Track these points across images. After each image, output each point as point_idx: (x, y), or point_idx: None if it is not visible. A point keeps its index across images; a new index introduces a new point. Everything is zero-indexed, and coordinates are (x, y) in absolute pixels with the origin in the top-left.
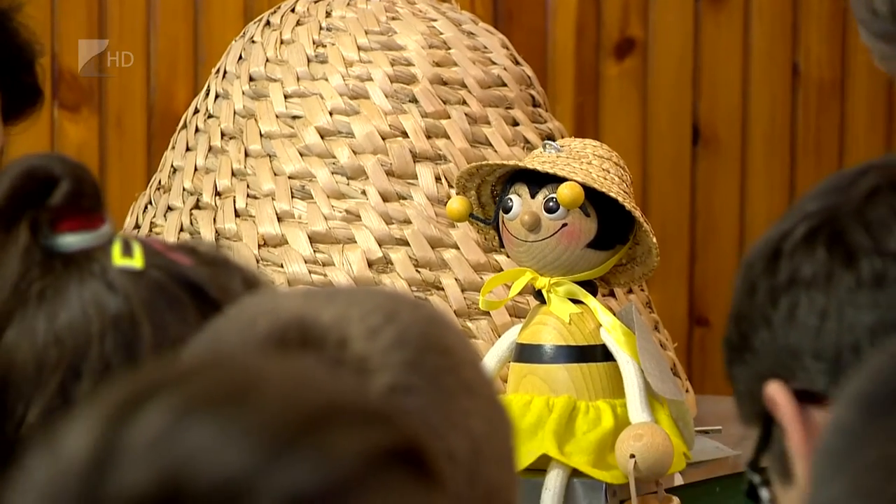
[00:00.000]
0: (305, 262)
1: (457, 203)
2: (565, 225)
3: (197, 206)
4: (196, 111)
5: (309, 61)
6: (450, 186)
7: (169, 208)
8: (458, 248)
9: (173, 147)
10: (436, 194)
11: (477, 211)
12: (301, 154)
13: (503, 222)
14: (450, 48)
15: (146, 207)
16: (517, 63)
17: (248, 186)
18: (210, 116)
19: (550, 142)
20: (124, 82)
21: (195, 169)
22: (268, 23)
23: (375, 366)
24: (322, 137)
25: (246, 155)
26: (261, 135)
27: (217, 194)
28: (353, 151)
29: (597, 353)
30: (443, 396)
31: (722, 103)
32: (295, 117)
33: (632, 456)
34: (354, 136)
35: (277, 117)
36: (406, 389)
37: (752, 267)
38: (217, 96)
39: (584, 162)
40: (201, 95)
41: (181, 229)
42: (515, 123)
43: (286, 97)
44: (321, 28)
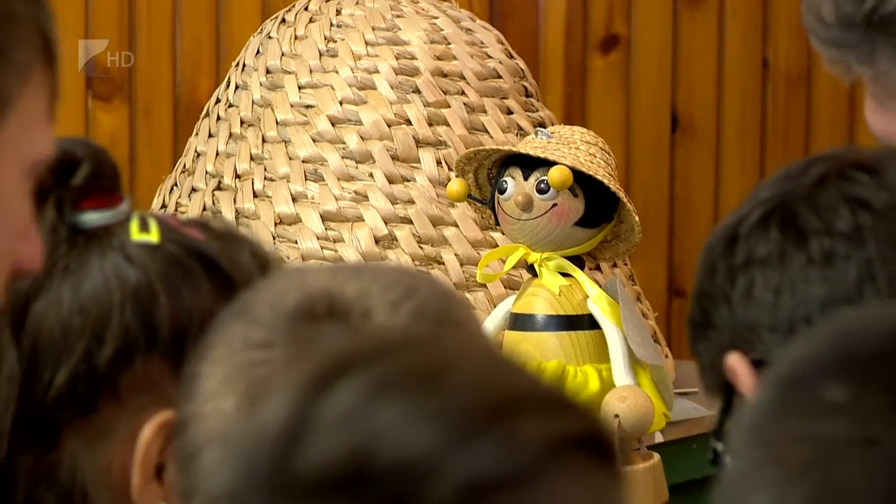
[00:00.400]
0: (318, 239)
1: (456, 185)
2: (555, 205)
3: (218, 188)
4: (218, 101)
5: (321, 55)
6: (450, 170)
7: (193, 189)
8: (458, 226)
9: (197, 134)
10: (437, 177)
11: (474, 192)
12: (313, 140)
13: (498, 202)
14: (449, 43)
15: (172, 189)
16: (511, 57)
17: (265, 170)
18: (230, 106)
19: (542, 129)
20: (153, 75)
21: (217, 154)
22: (283, 20)
23: None
24: (333, 125)
25: (263, 141)
26: (277, 122)
27: (237, 177)
28: (361, 138)
29: (584, 322)
30: (451, 338)
31: (698, 94)
32: (308, 106)
33: (616, 416)
34: (362, 124)
35: (292, 106)
36: None
37: (712, 250)
38: (237, 87)
39: (573, 147)
40: (222, 87)
41: (204, 209)
42: (510, 112)
43: (300, 88)
44: (332, 25)
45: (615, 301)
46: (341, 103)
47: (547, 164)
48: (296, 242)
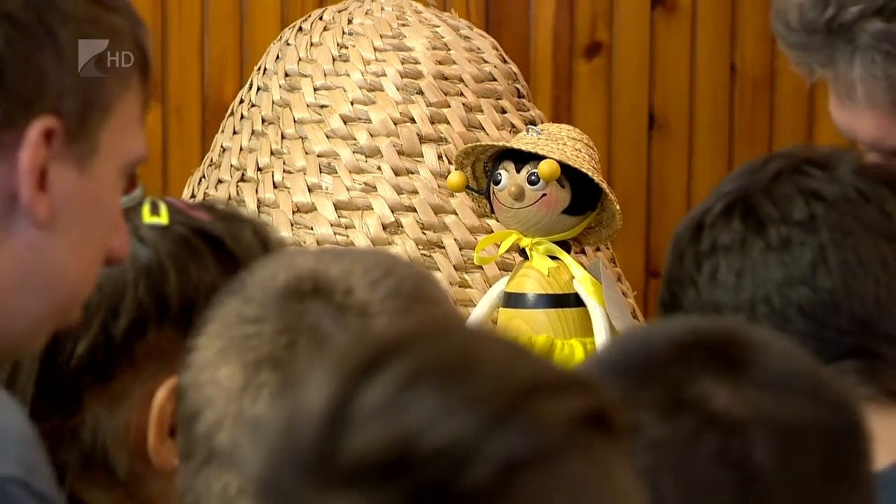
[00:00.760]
0: (331, 226)
1: (455, 177)
2: (545, 195)
3: (242, 180)
4: (241, 101)
5: (334, 60)
6: (449, 163)
7: (219, 181)
8: (457, 214)
9: (223, 131)
10: (438, 170)
11: (472, 183)
12: (327, 136)
13: (494, 193)
14: (450, 50)
15: (200, 180)
16: (505, 62)
17: (284, 163)
18: (253, 106)
19: (532, 126)
20: (183, 79)
21: (240, 149)
22: (300, 29)
23: (375, 311)
24: (345, 123)
25: (282, 137)
26: (294, 121)
27: (258, 170)
28: (371, 134)
29: (570, 300)
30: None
31: (673, 96)
32: (322, 106)
33: None
34: (371, 122)
35: (308, 106)
36: None
37: (680, 238)
38: (258, 89)
39: (560, 143)
40: (245, 89)
41: (229, 198)
42: (503, 111)
43: (315, 90)
44: (344, 33)
45: (598, 281)
46: (352, 103)
47: (537, 158)
48: (311, 229)
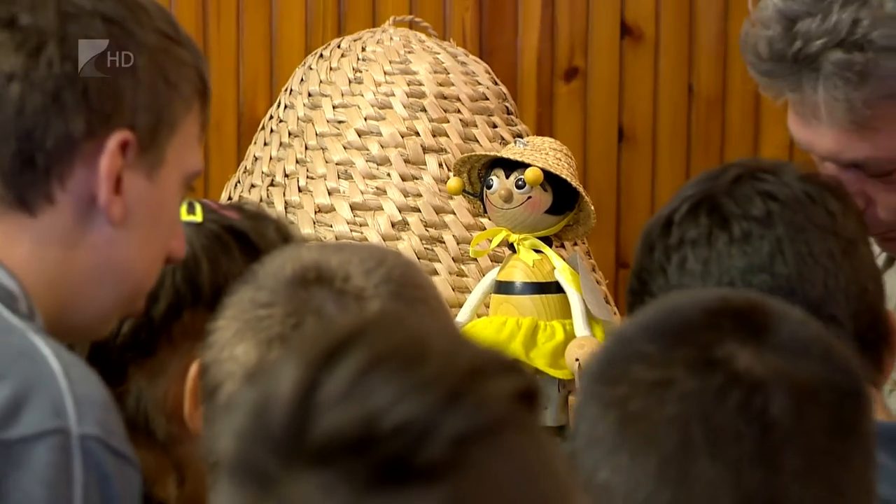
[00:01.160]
0: (347, 224)
1: (454, 182)
2: (530, 197)
3: (272, 185)
4: (271, 118)
5: (350, 82)
6: (449, 170)
7: (252, 186)
8: (455, 214)
9: (255, 143)
10: (439, 176)
11: (468, 187)
12: (344, 147)
13: (486, 195)
14: (449, 73)
15: (236, 185)
16: (496, 84)
17: (307, 170)
18: (281, 121)
19: (519, 139)
20: (221, 98)
21: (270, 158)
22: (321, 55)
23: (370, 294)
24: (359, 136)
25: (306, 148)
26: (316, 134)
27: (285, 176)
28: (381, 146)
29: (552, 288)
30: (416, 317)
31: (639, 113)
32: (340, 122)
33: (577, 359)
34: (382, 135)
35: (328, 122)
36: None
37: (650, 234)
38: (286, 107)
39: (543, 153)
40: (274, 107)
41: (260, 200)
42: (495, 126)
43: (334, 107)
44: (358, 59)
45: (576, 271)
46: (365, 119)
47: (523, 166)
48: (331, 226)
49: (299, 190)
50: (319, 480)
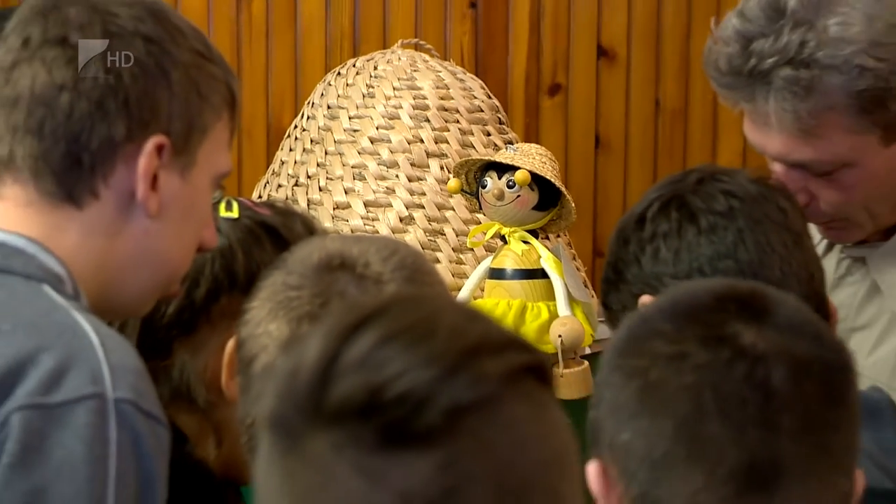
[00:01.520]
0: (361, 219)
1: (453, 182)
2: (519, 196)
3: (296, 185)
4: (295, 127)
5: (363, 96)
6: (449, 172)
7: (279, 186)
8: (454, 210)
9: (282, 149)
10: (441, 177)
11: (466, 187)
12: (359, 153)
13: (481, 194)
14: (449, 88)
15: (265, 185)
16: (490, 98)
17: (327, 173)
18: (304, 130)
19: (510, 145)
20: (252, 110)
21: (295, 162)
22: (339, 73)
23: (386, 279)
24: (371, 142)
25: (325, 153)
26: (334, 141)
27: (308, 177)
28: (391, 151)
29: (538, 274)
30: (433, 299)
31: (613, 124)
32: (355, 130)
33: (559, 336)
34: (391, 142)
35: (344, 130)
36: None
37: (624, 229)
38: (308, 118)
39: (531, 157)
40: (298, 117)
41: (286, 199)
42: (489, 134)
43: (350, 118)
44: (371, 76)
45: (559, 259)
46: (377, 128)
47: (513, 169)
48: (347, 221)
49: (320, 189)
50: (332, 439)
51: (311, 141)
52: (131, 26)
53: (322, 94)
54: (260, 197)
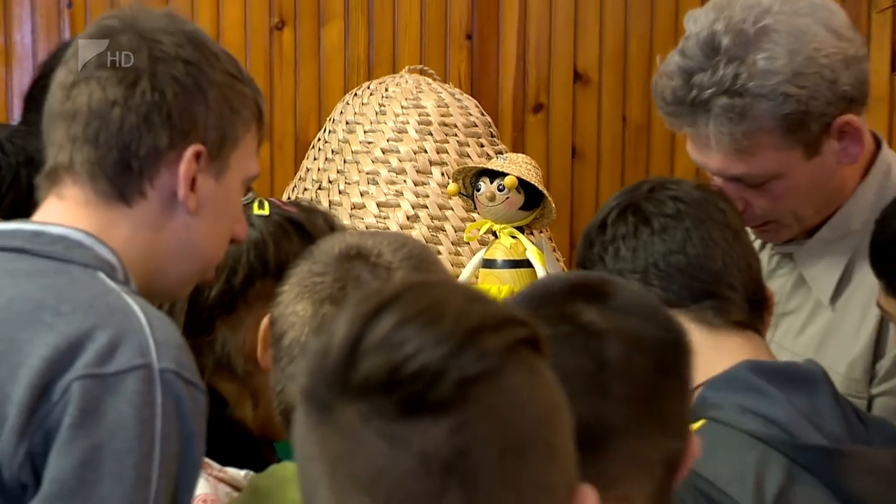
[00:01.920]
0: (374, 217)
1: (452, 187)
2: (508, 198)
3: (319, 188)
4: (319, 139)
5: (376, 113)
6: (448, 178)
7: (304, 189)
8: (453, 210)
9: (307, 158)
10: (442, 182)
11: (463, 191)
12: (372, 161)
13: (476, 196)
14: (448, 107)
15: (293, 189)
16: (483, 115)
17: (345, 178)
18: (326, 142)
19: (500, 155)
20: (282, 125)
21: (318, 169)
22: (355, 94)
23: (396, 267)
24: (383, 153)
25: (344, 162)
26: (352, 151)
27: (329, 182)
28: (399, 160)
29: (525, 264)
30: (442, 286)
31: (587, 138)
32: (369, 143)
33: None
34: (400, 152)
35: (360, 142)
36: None
37: (589, 234)
38: (329, 132)
39: (518, 165)
40: (321, 131)
41: (311, 200)
42: (482, 145)
43: (365, 132)
44: (382, 96)
45: (542, 252)
46: (388, 140)
47: (503, 175)
48: (363, 219)
49: (339, 192)
50: (359, 410)
51: (332, 151)
52: (173, 51)
53: (341, 112)
54: (288, 198)
